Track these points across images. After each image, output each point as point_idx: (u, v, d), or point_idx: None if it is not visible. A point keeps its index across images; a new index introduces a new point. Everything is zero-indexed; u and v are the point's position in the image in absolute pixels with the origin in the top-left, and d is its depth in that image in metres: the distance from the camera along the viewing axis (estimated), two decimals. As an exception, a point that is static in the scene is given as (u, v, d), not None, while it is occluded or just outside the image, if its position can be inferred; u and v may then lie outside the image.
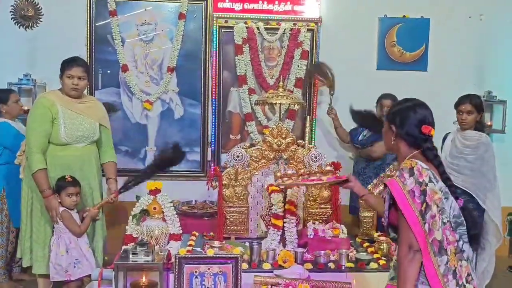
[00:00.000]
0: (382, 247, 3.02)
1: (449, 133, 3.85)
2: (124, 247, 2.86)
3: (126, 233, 3.04)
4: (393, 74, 4.71)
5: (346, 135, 4.41)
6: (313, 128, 4.68)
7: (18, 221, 3.51)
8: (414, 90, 4.20)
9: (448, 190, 1.95)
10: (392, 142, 2.09)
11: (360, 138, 4.20)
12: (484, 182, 3.57)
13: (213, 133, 4.68)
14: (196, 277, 2.63)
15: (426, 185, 1.89)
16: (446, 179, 1.97)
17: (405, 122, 2.02)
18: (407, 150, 2.04)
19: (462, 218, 1.94)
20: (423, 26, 4.71)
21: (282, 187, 2.91)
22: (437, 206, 1.88)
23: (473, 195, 3.48)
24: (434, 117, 2.04)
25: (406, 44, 4.72)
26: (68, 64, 3.29)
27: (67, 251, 3.12)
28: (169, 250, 2.77)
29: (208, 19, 4.59)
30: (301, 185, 3.00)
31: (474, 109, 3.65)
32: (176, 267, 2.62)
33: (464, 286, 1.91)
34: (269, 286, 2.52)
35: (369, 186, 3.35)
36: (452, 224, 1.92)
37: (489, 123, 4.79)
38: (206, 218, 3.93)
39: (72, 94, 3.29)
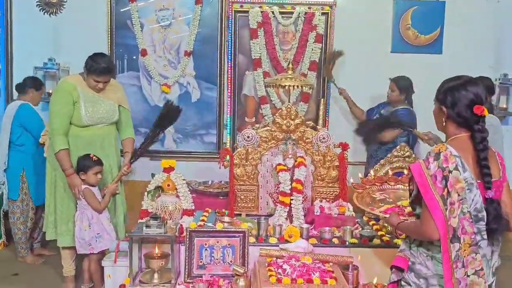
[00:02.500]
0: (386, 224, 3.10)
1: None
2: (139, 220, 3.04)
3: (142, 208, 3.22)
4: (408, 57, 4.71)
5: (361, 113, 4.49)
6: (327, 111, 4.75)
7: (38, 199, 3.72)
8: (429, 73, 4.28)
9: (482, 180, 1.88)
10: (444, 124, 1.99)
11: (375, 118, 4.27)
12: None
13: (228, 115, 4.79)
14: (206, 249, 2.79)
15: (450, 172, 1.85)
16: (484, 166, 1.88)
17: (457, 103, 1.91)
18: (454, 131, 1.96)
19: (484, 213, 1.89)
20: (438, 9, 4.68)
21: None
22: (458, 194, 1.85)
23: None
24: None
25: (421, 27, 4.70)
26: (98, 72, 3.29)
27: (90, 226, 3.31)
28: (181, 224, 2.91)
29: (224, 4, 4.68)
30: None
31: None
32: (187, 239, 2.78)
33: (468, 276, 1.89)
34: (274, 259, 2.65)
35: (376, 166, 3.43)
36: (473, 216, 1.88)
37: (504, 106, 4.76)
38: (221, 197, 4.07)
39: (95, 91, 3.41)
